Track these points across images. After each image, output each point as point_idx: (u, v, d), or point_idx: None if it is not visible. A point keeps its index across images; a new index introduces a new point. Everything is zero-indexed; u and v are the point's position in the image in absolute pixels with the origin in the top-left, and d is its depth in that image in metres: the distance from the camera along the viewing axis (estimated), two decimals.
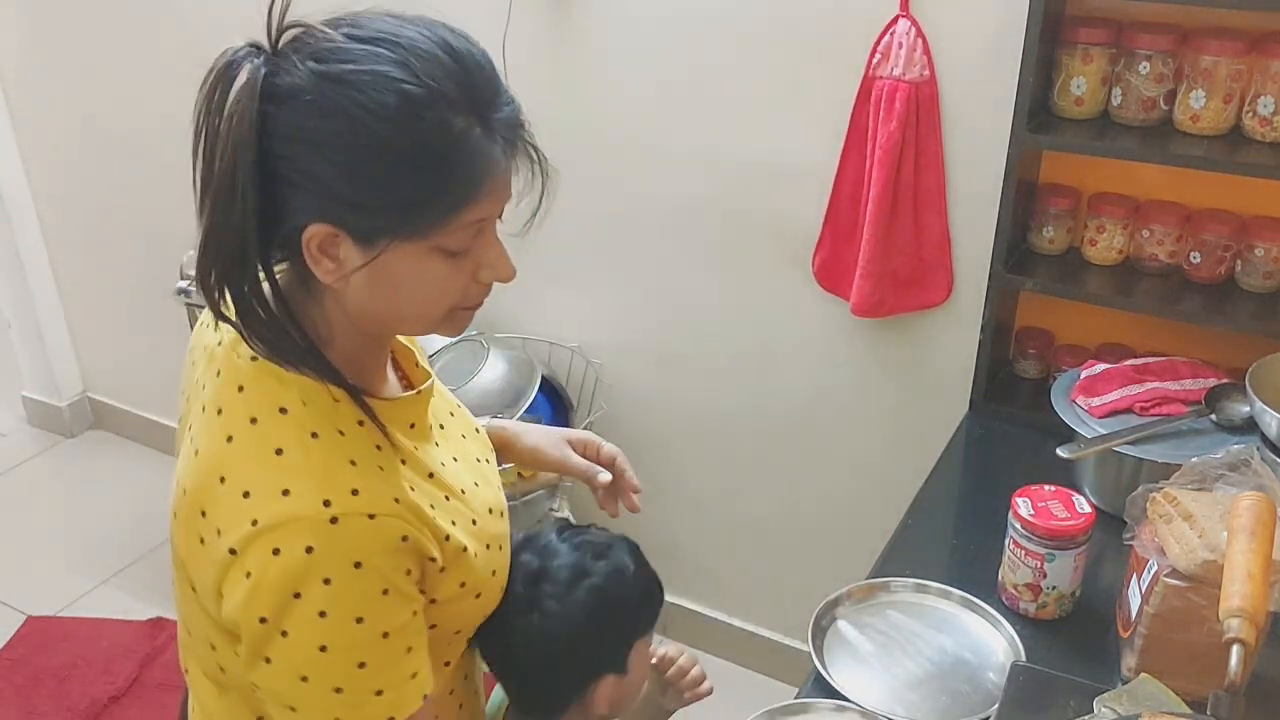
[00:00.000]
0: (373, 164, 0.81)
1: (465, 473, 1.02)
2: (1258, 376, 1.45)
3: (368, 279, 0.85)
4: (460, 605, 0.98)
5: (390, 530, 0.86)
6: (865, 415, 2.09)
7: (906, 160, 1.80)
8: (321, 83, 0.80)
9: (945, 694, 1.25)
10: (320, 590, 0.83)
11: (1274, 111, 1.51)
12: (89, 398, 3.36)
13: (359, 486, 0.86)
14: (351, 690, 0.86)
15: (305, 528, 0.83)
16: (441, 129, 0.81)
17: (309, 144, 0.80)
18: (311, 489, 0.84)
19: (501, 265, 0.91)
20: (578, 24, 2.04)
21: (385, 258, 0.84)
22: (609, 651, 1.13)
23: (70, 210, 3.03)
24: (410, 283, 0.86)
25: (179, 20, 2.51)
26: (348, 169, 0.81)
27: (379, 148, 0.80)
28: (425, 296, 0.88)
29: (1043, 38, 1.55)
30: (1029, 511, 1.30)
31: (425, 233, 0.84)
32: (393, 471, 0.91)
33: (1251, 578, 0.98)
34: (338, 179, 0.81)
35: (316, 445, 0.87)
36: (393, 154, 0.80)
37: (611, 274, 2.25)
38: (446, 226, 0.84)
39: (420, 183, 0.82)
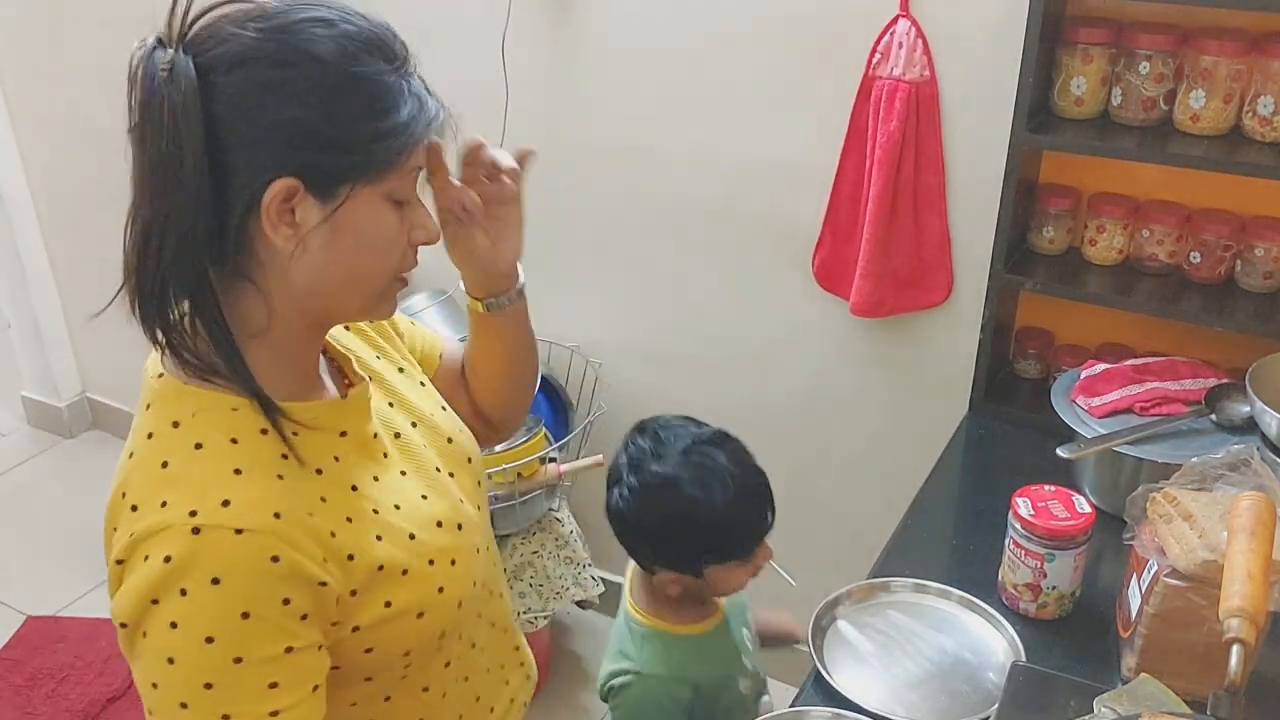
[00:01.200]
0: (334, 101, 0.83)
1: (411, 485, 0.99)
2: (1258, 376, 1.45)
3: (327, 238, 0.86)
4: (396, 626, 0.93)
5: (257, 548, 0.82)
6: (865, 415, 2.09)
7: (906, 160, 1.80)
8: (271, 36, 0.83)
9: (945, 694, 1.25)
10: (176, 601, 0.81)
11: (1274, 111, 1.51)
12: (88, 398, 3.36)
13: (233, 498, 0.83)
14: (197, 708, 0.83)
15: (170, 536, 0.82)
16: (386, 70, 0.86)
17: (268, 95, 0.82)
18: (184, 499, 0.83)
19: (429, 224, 0.93)
20: (577, 24, 2.04)
21: (345, 209, 0.85)
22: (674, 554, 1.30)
23: (70, 210, 3.03)
24: (368, 235, 0.88)
25: None
26: (312, 109, 0.82)
27: (338, 85, 0.83)
28: (379, 253, 0.89)
29: (1043, 38, 1.55)
30: (1029, 511, 1.30)
31: (381, 175, 0.86)
32: (296, 480, 0.88)
33: (1251, 577, 0.98)
34: (301, 122, 0.82)
35: (199, 456, 0.86)
36: (351, 91, 0.83)
37: (611, 274, 2.25)
38: (398, 169, 0.87)
39: (376, 119, 0.85)
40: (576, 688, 2.41)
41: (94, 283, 3.09)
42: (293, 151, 0.83)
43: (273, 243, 0.85)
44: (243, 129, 0.82)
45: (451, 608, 0.98)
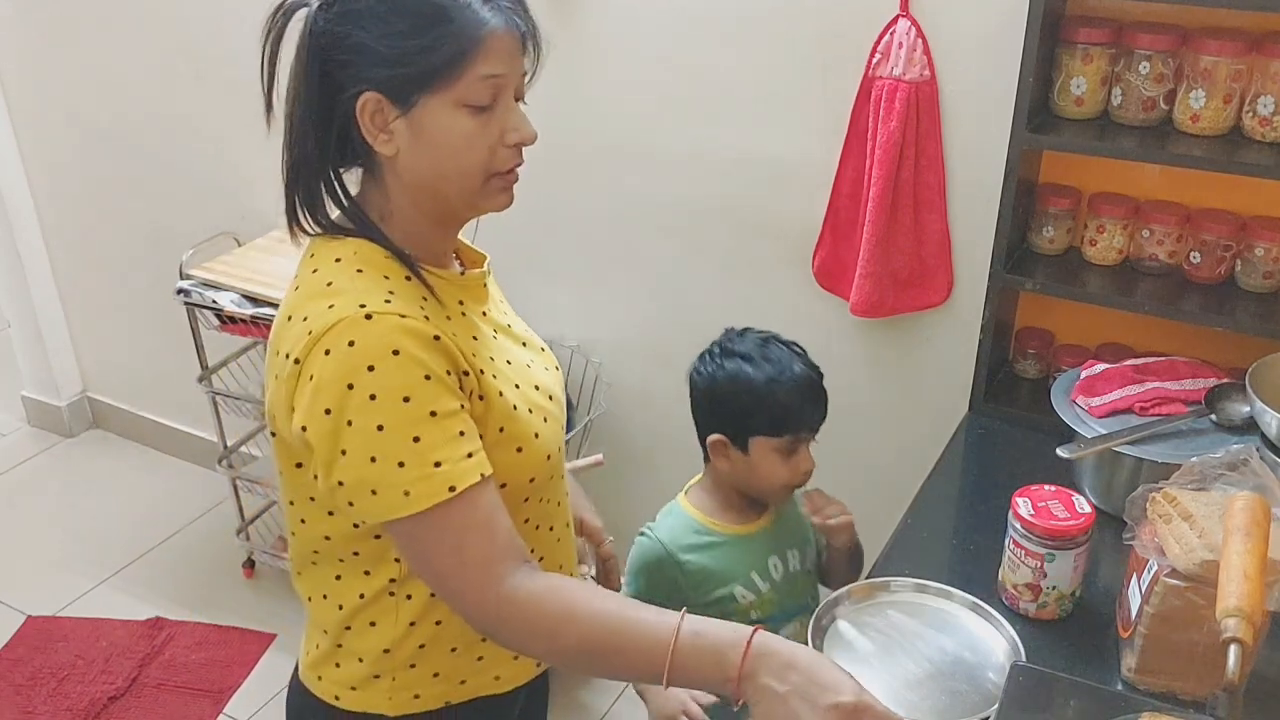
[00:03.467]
0: (393, 22, 0.98)
1: (518, 352, 1.15)
2: (1258, 376, 1.45)
3: (411, 142, 1.01)
4: (503, 453, 1.06)
5: (422, 328, 0.99)
6: (865, 415, 2.09)
7: (906, 160, 1.80)
8: None
9: (945, 694, 1.25)
10: (367, 377, 0.96)
11: (1274, 111, 1.51)
12: (88, 398, 3.36)
13: (393, 298, 1.00)
14: (413, 464, 0.96)
15: (346, 326, 0.97)
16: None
17: (348, 23, 0.98)
18: (351, 300, 0.99)
19: (524, 126, 1.04)
20: (578, 24, 2.04)
21: (419, 115, 1.00)
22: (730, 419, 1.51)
23: (70, 210, 3.03)
24: (443, 138, 1.01)
25: (178, 20, 2.51)
26: (379, 31, 0.98)
27: (396, 9, 0.98)
28: (458, 152, 1.01)
29: (1043, 38, 1.55)
30: (1029, 511, 1.30)
31: (444, 84, 0.99)
32: (433, 311, 1.04)
33: (1248, 577, 0.98)
34: (373, 43, 0.98)
35: (360, 276, 1.02)
36: (407, 12, 0.98)
37: (611, 273, 2.25)
38: (460, 78, 0.99)
39: (428, 35, 0.98)
40: (576, 686, 2.41)
41: (94, 283, 3.10)
42: (370, 69, 0.99)
43: (374, 146, 1.02)
44: (337, 54, 0.99)
45: (542, 457, 1.12)
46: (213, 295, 2.40)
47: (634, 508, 2.45)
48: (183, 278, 2.46)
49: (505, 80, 1.02)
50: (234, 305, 2.37)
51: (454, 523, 0.99)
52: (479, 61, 0.99)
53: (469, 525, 0.99)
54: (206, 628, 2.60)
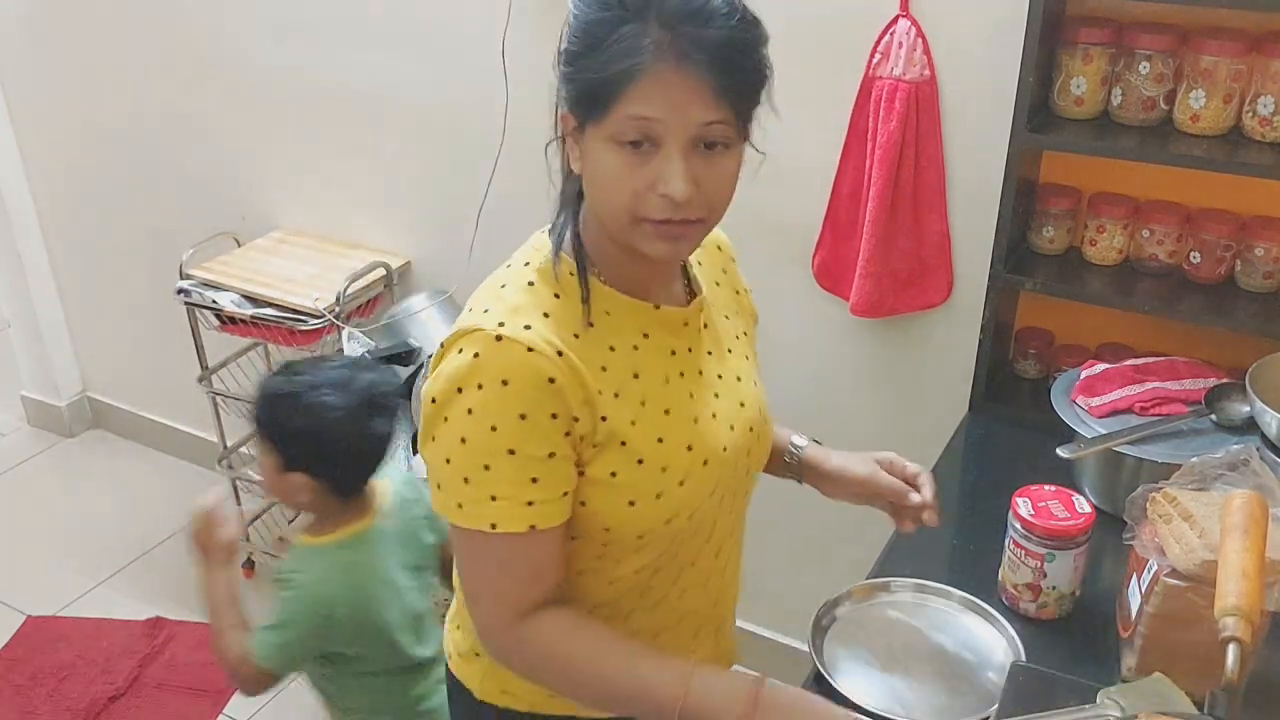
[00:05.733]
0: (572, 37, 0.96)
1: (688, 405, 1.09)
2: (1258, 376, 1.45)
3: (584, 166, 0.99)
4: (607, 497, 1.04)
5: (540, 367, 0.97)
6: (865, 415, 2.09)
7: (906, 160, 1.80)
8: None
9: (945, 694, 1.25)
10: (474, 392, 0.98)
11: (1274, 111, 1.51)
12: (88, 397, 3.36)
13: (534, 326, 0.99)
14: (475, 485, 0.99)
15: (479, 337, 0.99)
16: (611, 11, 0.93)
17: (564, 30, 0.97)
18: (500, 313, 1.00)
19: (672, 180, 0.95)
20: None
21: (586, 144, 0.97)
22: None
23: (70, 210, 3.03)
24: (595, 170, 0.98)
25: (179, 20, 2.51)
26: (566, 45, 0.97)
27: (580, 23, 0.95)
28: (605, 188, 0.98)
29: (1043, 38, 1.55)
30: (1029, 511, 1.30)
31: (597, 116, 0.94)
32: (589, 345, 1.02)
33: (1246, 576, 0.98)
34: (563, 57, 0.97)
35: (527, 290, 1.03)
36: (576, 34, 0.95)
37: None
38: (609, 114, 0.93)
39: (585, 59, 0.94)
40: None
41: (94, 283, 3.10)
42: (563, 83, 0.98)
43: (570, 162, 1.02)
44: (558, 65, 0.99)
45: (658, 518, 1.07)
46: (213, 295, 2.40)
47: None
48: (183, 278, 2.46)
49: (660, 125, 0.93)
50: (234, 305, 2.37)
51: (492, 554, 1.02)
52: (628, 99, 0.93)
53: (504, 562, 1.02)
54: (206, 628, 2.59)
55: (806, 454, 1.35)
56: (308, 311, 2.29)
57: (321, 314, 2.28)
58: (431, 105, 2.26)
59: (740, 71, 0.94)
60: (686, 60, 0.91)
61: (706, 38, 0.91)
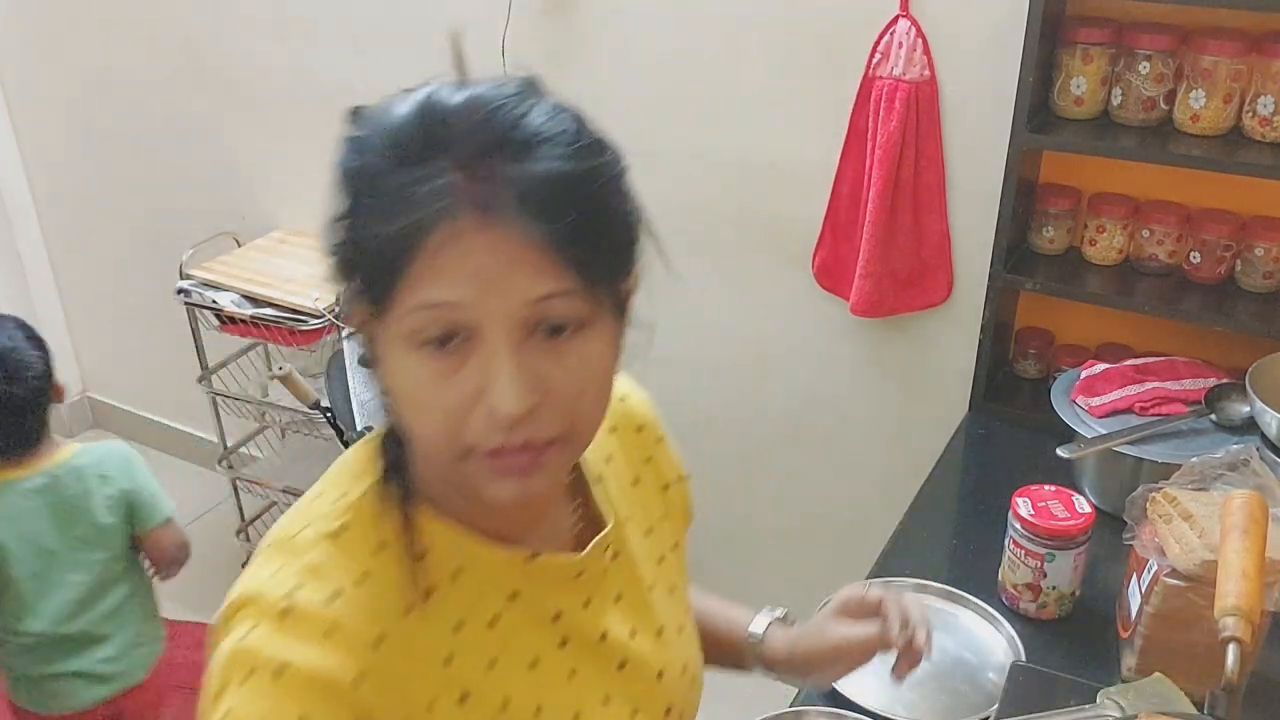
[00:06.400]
0: (333, 205, 0.67)
1: (572, 693, 0.78)
2: (1258, 376, 1.45)
3: (383, 377, 0.69)
4: None
5: (334, 677, 0.66)
6: (865, 415, 2.09)
7: (906, 160, 1.80)
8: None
9: (945, 694, 1.25)
10: (236, 691, 0.67)
11: (1274, 111, 1.51)
12: (89, 398, 3.36)
13: (343, 603, 0.68)
14: None
15: (255, 614, 0.69)
16: (371, 152, 0.66)
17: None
18: (293, 574, 0.70)
19: (499, 389, 0.63)
20: (577, 24, 2.04)
21: (379, 346, 0.68)
22: None
23: (70, 210, 3.03)
24: (395, 385, 0.67)
25: (179, 20, 2.51)
26: (329, 219, 0.68)
27: (335, 182, 0.67)
28: (411, 410, 0.67)
29: (1043, 38, 1.55)
30: (1029, 511, 1.30)
31: (380, 307, 0.65)
32: (423, 626, 0.71)
33: (1246, 576, 0.98)
34: (327, 230, 0.68)
35: (333, 542, 0.71)
36: (338, 189, 0.67)
37: None
38: (394, 302, 0.64)
39: (351, 229, 0.66)
40: None
41: (94, 283, 3.10)
42: (332, 267, 0.69)
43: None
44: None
45: None
46: (213, 295, 2.40)
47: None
48: (183, 278, 2.46)
49: (470, 311, 0.62)
50: (234, 305, 2.37)
51: None
52: (415, 278, 0.62)
53: None
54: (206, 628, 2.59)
55: (769, 649, 1.01)
56: (308, 311, 2.30)
57: (321, 314, 2.28)
58: None
59: (584, 218, 0.64)
60: (496, 210, 0.61)
61: (526, 175, 0.62)
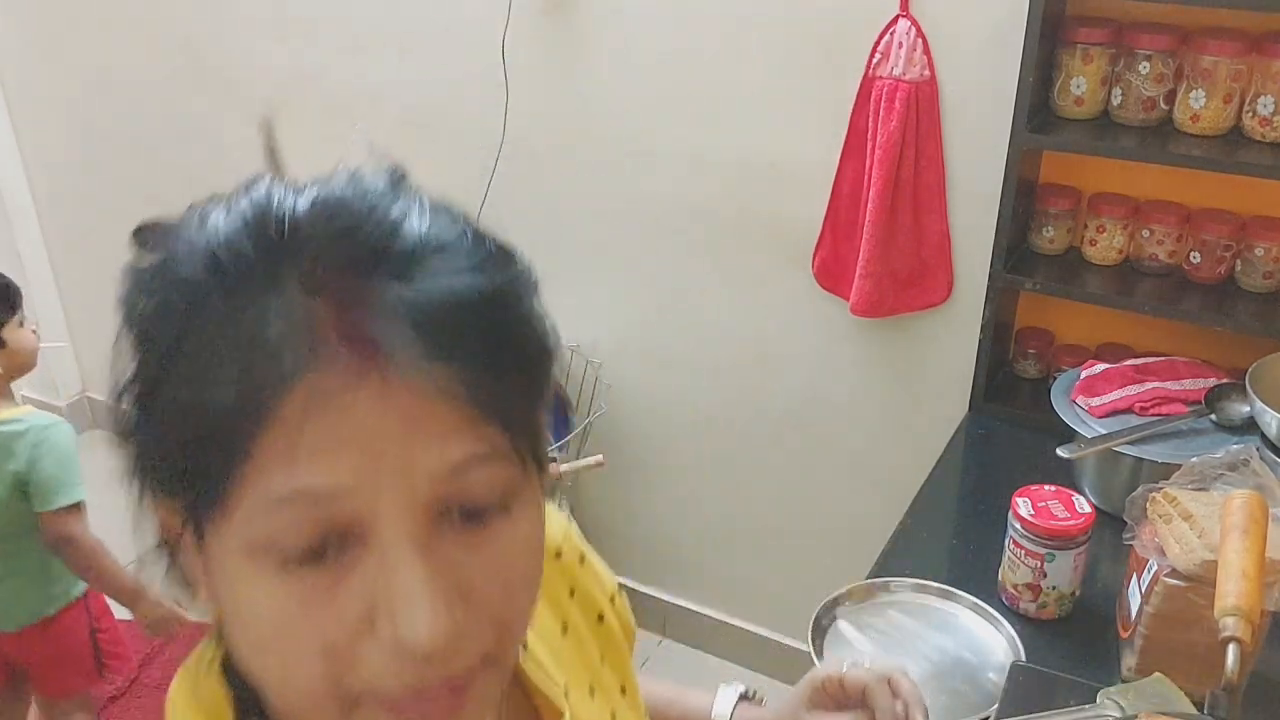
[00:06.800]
0: (132, 361, 0.48)
1: None
2: (1258, 376, 1.45)
3: (214, 603, 0.52)
4: None
5: None
6: (865, 415, 2.09)
7: (906, 160, 1.80)
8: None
9: (945, 694, 1.25)
10: None
11: (1274, 111, 1.51)
12: (88, 398, 3.36)
13: None
14: None
15: None
16: (185, 290, 0.47)
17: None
18: None
19: (404, 612, 0.45)
20: (577, 24, 2.04)
21: (211, 563, 0.49)
22: None
23: (70, 210, 3.03)
24: (238, 612, 0.49)
25: (178, 20, 2.51)
26: (125, 384, 0.48)
27: (138, 329, 0.48)
28: (267, 648, 0.48)
29: (1043, 38, 1.55)
30: (1029, 511, 1.30)
31: (211, 507, 0.46)
32: None
33: (1246, 576, 0.98)
34: (122, 397, 0.49)
35: None
36: (145, 336, 0.48)
37: (611, 274, 2.25)
38: (235, 499, 0.45)
39: (163, 398, 0.46)
40: None
41: (94, 283, 3.10)
42: (131, 454, 0.50)
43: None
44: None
45: None
46: None
47: (632, 508, 2.46)
48: None
49: (356, 498, 0.44)
50: None
51: None
52: (266, 463, 0.44)
53: None
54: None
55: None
56: None
57: None
58: (431, 105, 2.26)
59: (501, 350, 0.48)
60: (380, 349, 0.44)
61: (419, 298, 0.45)
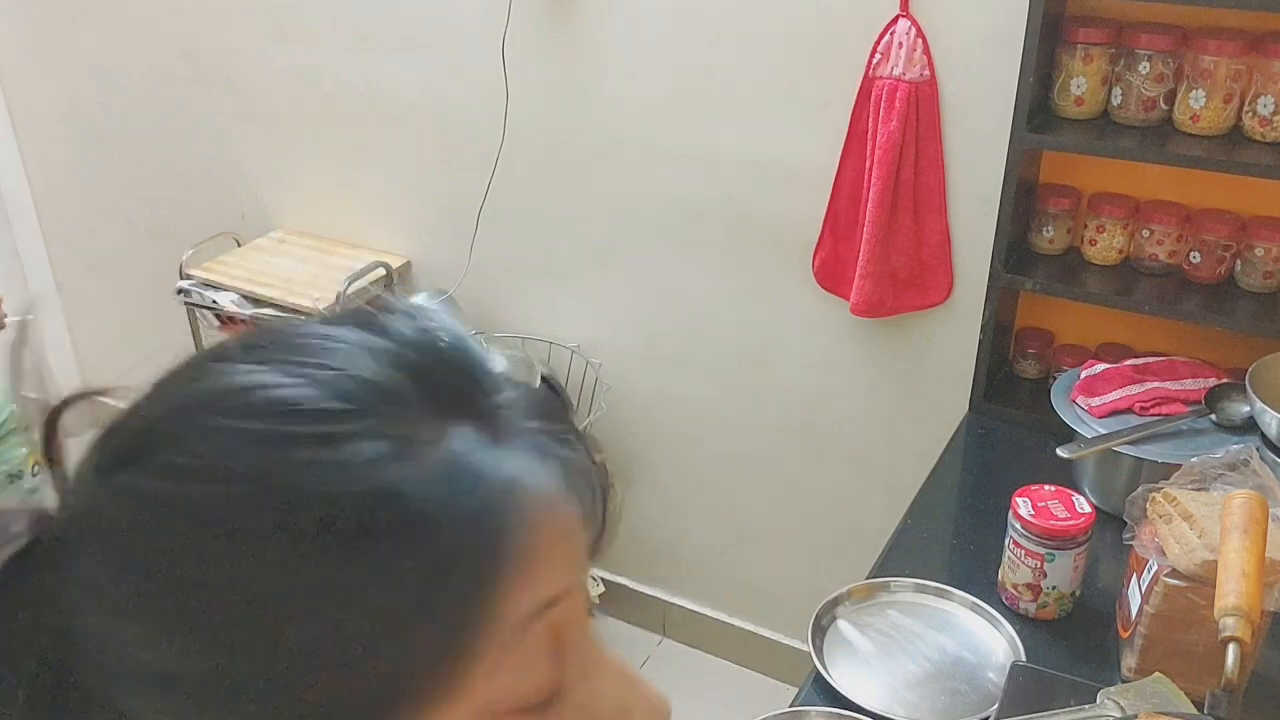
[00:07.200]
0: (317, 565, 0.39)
1: None
2: (1258, 376, 1.45)
3: None
4: None
5: None
6: (865, 415, 2.09)
7: (906, 160, 1.80)
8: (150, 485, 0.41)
9: (945, 694, 1.25)
10: None
11: (1274, 111, 1.51)
12: None
13: None
14: None
15: None
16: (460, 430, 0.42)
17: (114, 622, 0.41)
18: None
19: (638, 699, 0.46)
20: (577, 24, 2.04)
21: None
22: None
23: (70, 210, 3.03)
24: None
25: (179, 20, 2.51)
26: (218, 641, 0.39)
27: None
28: None
29: (1043, 38, 1.55)
30: (1029, 511, 1.30)
31: (428, 697, 0.39)
32: None
33: (1246, 576, 0.98)
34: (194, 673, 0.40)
35: None
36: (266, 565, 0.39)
37: (611, 274, 2.26)
38: (466, 659, 0.39)
39: (384, 590, 0.38)
40: None
41: (94, 283, 3.10)
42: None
43: None
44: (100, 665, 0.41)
45: None
46: (213, 295, 2.40)
47: (632, 509, 2.46)
48: (183, 278, 2.46)
49: (571, 601, 0.43)
50: (234, 305, 2.37)
51: None
52: (514, 591, 0.40)
53: None
54: None
55: None
56: (308, 312, 2.29)
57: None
58: (431, 105, 2.26)
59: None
60: (560, 455, 0.45)
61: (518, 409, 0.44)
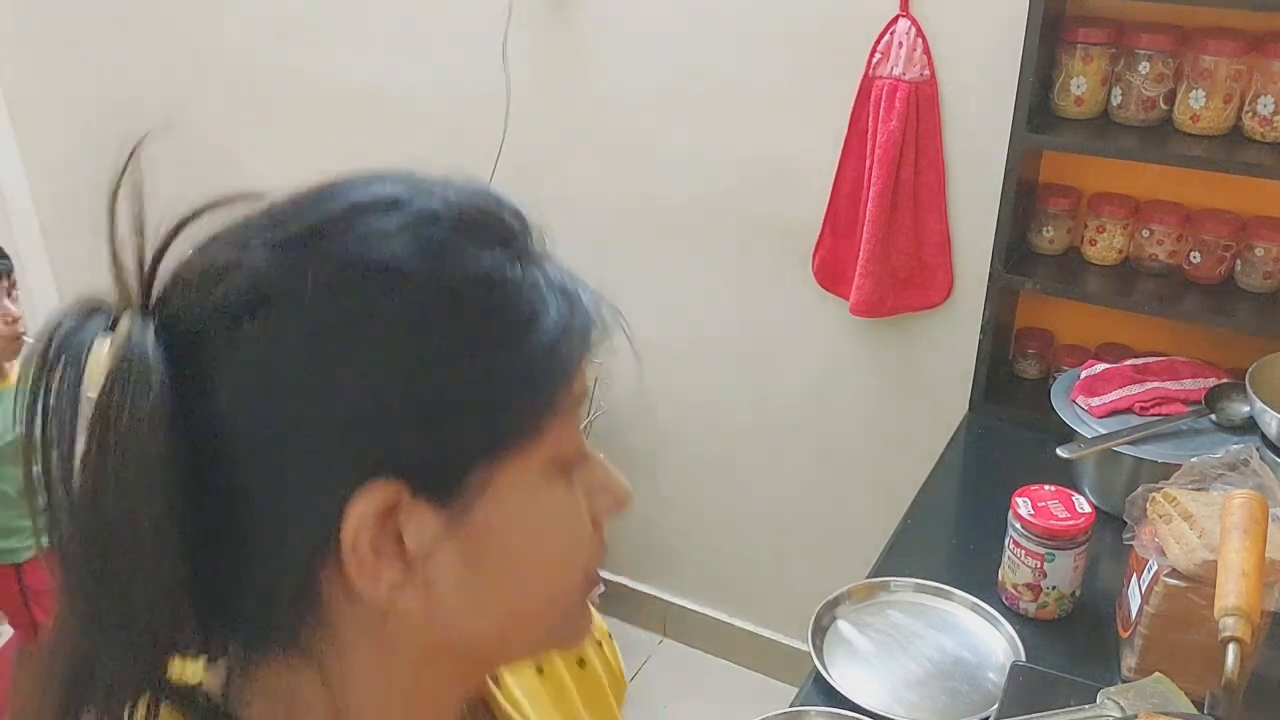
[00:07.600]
0: (432, 339, 0.49)
1: None
2: (1258, 376, 1.45)
3: (462, 561, 0.51)
4: None
5: None
6: (865, 415, 2.09)
7: (906, 160, 1.80)
8: (299, 248, 0.51)
9: (945, 694, 1.25)
10: None
11: (1274, 111, 1.51)
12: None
13: None
14: None
15: None
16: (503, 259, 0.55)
17: (314, 355, 0.49)
18: None
19: (616, 483, 0.59)
20: (577, 24, 2.04)
21: (484, 505, 0.51)
22: None
23: (70, 210, 3.03)
24: (533, 532, 0.53)
25: (179, 20, 2.51)
26: (398, 360, 0.49)
27: (431, 309, 0.50)
28: (555, 554, 0.55)
29: (1043, 38, 1.55)
30: (1029, 511, 1.30)
31: (535, 432, 0.52)
32: None
33: (1246, 576, 0.98)
34: (383, 387, 0.48)
35: None
36: (455, 312, 0.50)
37: (611, 273, 2.25)
38: (557, 413, 0.53)
39: (505, 348, 0.51)
40: None
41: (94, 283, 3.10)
42: (379, 439, 0.48)
43: (364, 595, 0.50)
44: (277, 423, 0.49)
45: None
46: None
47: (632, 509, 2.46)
48: None
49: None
50: None
51: None
52: (581, 377, 0.58)
53: None
54: None
55: None
56: None
57: None
58: (431, 105, 2.26)
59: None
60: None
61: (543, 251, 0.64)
